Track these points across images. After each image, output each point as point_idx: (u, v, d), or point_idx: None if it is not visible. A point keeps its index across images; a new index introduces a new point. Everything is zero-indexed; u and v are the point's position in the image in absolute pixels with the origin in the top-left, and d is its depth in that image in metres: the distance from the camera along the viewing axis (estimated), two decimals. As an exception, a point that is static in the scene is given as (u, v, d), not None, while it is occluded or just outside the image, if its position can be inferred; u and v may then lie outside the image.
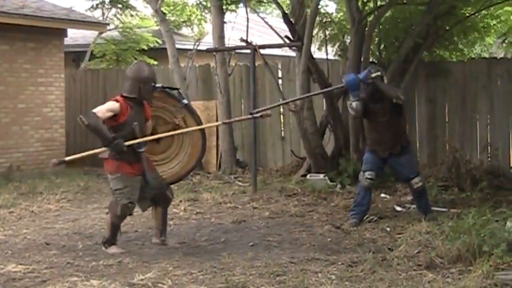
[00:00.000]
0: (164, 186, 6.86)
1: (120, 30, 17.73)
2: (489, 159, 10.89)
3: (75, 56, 17.34)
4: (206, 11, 16.83)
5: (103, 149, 6.49)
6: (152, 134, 6.81)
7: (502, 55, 13.97)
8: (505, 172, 10.57)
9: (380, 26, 11.27)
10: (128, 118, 6.46)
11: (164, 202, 6.91)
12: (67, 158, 6.95)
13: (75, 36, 16.75)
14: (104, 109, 6.38)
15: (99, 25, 14.75)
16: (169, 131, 6.95)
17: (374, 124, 7.87)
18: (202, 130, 7.11)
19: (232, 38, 12.70)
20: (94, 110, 6.36)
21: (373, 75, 7.67)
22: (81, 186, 10.96)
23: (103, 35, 17.15)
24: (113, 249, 6.63)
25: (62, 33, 13.23)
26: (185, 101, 7.02)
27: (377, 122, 7.81)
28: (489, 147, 10.97)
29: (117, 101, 6.47)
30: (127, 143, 6.36)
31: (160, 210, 6.91)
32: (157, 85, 6.72)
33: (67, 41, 13.82)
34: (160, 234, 6.95)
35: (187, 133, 7.02)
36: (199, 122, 7.07)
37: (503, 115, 10.93)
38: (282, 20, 11.46)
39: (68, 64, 14.68)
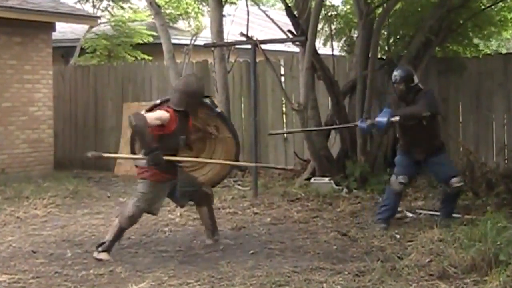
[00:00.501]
0: (196, 183, 7.19)
1: (112, 24, 17.74)
2: (506, 161, 10.87)
3: (64, 52, 17.35)
4: (204, 3, 16.86)
5: (140, 156, 6.77)
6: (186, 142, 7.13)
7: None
8: (523, 176, 10.57)
9: (389, 20, 11.26)
10: (176, 129, 6.77)
11: (204, 200, 7.25)
12: (105, 155, 7.29)
13: (64, 30, 16.79)
14: (153, 117, 6.66)
15: (89, 19, 14.75)
16: (200, 138, 7.42)
17: (407, 127, 7.93)
18: (236, 138, 7.49)
19: (231, 33, 12.71)
20: (144, 115, 6.65)
21: (393, 119, 7.79)
22: (70, 190, 10.96)
23: (94, 29, 17.17)
24: (103, 255, 6.68)
25: (50, 27, 13.24)
26: (217, 109, 7.36)
27: (410, 125, 7.88)
28: (506, 149, 10.95)
29: (167, 111, 6.74)
30: (166, 157, 6.64)
31: (205, 209, 7.30)
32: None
33: (55, 35, 13.83)
34: (212, 234, 7.33)
35: (221, 141, 7.46)
36: (232, 130, 7.46)
37: (520, 115, 10.92)
38: (284, 14, 11.46)
39: (57, 60, 14.70)
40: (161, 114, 6.71)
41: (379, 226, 7.90)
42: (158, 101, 7.27)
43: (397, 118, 7.82)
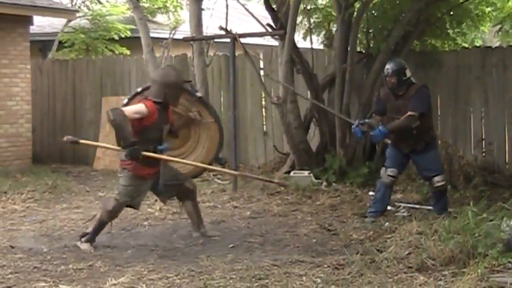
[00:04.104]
0: (180, 177, 7.20)
1: (90, 18, 17.62)
2: (484, 154, 10.94)
3: (41, 46, 17.22)
4: (183, -3, 16.79)
5: (118, 148, 6.80)
6: (170, 130, 7.16)
7: (497, 44, 14.03)
8: (500, 168, 10.65)
9: (368, 14, 11.28)
10: (156, 121, 6.80)
11: (188, 195, 7.27)
12: (82, 141, 7.23)
13: (41, 24, 16.64)
14: (131, 111, 6.71)
15: (67, 12, 14.63)
16: (185, 124, 7.42)
17: (394, 121, 7.90)
18: (218, 123, 7.56)
19: (210, 27, 12.67)
20: (123, 109, 6.69)
21: (386, 141, 8.07)
22: (49, 185, 10.88)
23: (72, 23, 17.04)
24: (85, 246, 6.82)
25: (28, 20, 13.11)
26: (198, 93, 7.43)
27: (396, 120, 7.86)
28: (483, 142, 11.02)
29: (145, 105, 6.75)
30: (145, 153, 6.69)
31: (189, 204, 7.32)
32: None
33: (33, 29, 13.71)
34: (199, 227, 7.35)
35: (204, 126, 7.49)
36: (214, 114, 7.53)
37: (498, 108, 10.97)
38: (263, 7, 11.45)
39: (34, 54, 14.56)
40: (139, 108, 6.73)
41: (368, 219, 7.90)
42: (139, 89, 7.32)
43: (388, 141, 8.06)
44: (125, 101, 7.37)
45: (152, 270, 5.97)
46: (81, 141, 7.20)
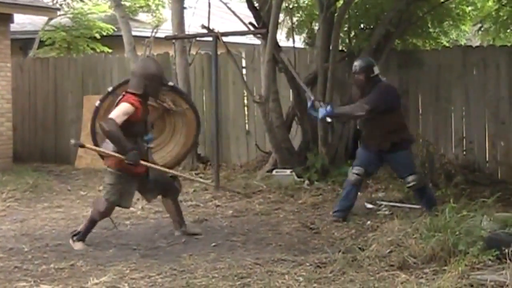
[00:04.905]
0: (167, 176, 7.20)
1: (71, 16, 17.54)
2: (464, 153, 11.01)
3: (22, 44, 17.11)
4: (165, -5, 16.75)
5: (120, 155, 6.71)
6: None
7: (478, 44, 14.14)
8: (481, 167, 10.72)
9: (350, 12, 11.32)
10: (140, 114, 6.80)
11: (171, 194, 7.26)
12: (88, 145, 7.18)
13: (22, 22, 16.52)
14: (121, 114, 6.66)
15: (48, 10, 14.54)
16: (159, 116, 7.40)
17: (365, 119, 7.92)
18: (194, 108, 7.58)
19: (192, 25, 12.65)
20: (112, 116, 6.62)
21: (327, 119, 8.04)
22: (30, 184, 10.81)
23: (52, 21, 16.94)
24: (79, 245, 6.83)
25: (8, 18, 13.01)
26: (170, 83, 7.41)
27: (367, 118, 7.86)
28: (464, 140, 11.09)
29: (131, 103, 6.71)
30: (143, 162, 6.75)
31: (170, 203, 7.30)
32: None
33: (13, 27, 13.61)
34: (180, 225, 7.34)
35: (179, 114, 7.47)
36: (188, 101, 7.58)
37: (478, 107, 11.05)
38: (246, 6, 11.45)
39: (15, 52, 14.47)
40: (126, 109, 6.68)
41: (335, 217, 7.89)
42: (110, 89, 7.29)
43: (328, 120, 8.11)
44: (98, 103, 7.30)
45: (134, 269, 5.96)
46: (87, 145, 7.16)
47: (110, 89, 7.32)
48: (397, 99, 8.12)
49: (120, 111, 6.69)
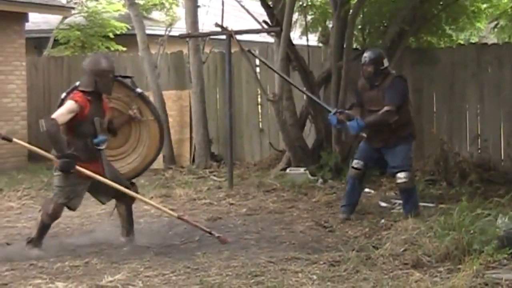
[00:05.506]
0: (123, 182, 6.84)
1: (85, 15, 17.60)
2: (479, 151, 10.97)
3: (37, 43, 17.18)
4: (178, -6, 16.77)
5: (51, 156, 6.55)
6: (108, 127, 6.82)
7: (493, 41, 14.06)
8: (495, 165, 10.67)
9: (364, 10, 11.29)
10: (88, 113, 6.51)
11: (125, 200, 6.94)
12: (15, 140, 6.88)
13: (37, 21, 16.60)
14: (65, 112, 6.42)
15: (63, 9, 14.63)
16: (125, 122, 6.99)
17: (369, 113, 7.71)
18: (159, 121, 7.17)
19: (206, 23, 12.66)
20: (55, 116, 6.39)
21: (362, 134, 7.79)
22: (45, 182, 10.85)
23: (67, 20, 17.01)
24: (35, 251, 6.52)
25: (23, 17, 13.11)
26: (138, 90, 7.03)
27: (372, 111, 7.67)
28: (479, 138, 11.04)
29: (75, 100, 6.47)
30: (78, 168, 6.39)
31: (123, 208, 6.98)
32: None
33: (28, 26, 13.69)
34: (127, 233, 7.01)
35: (145, 125, 7.06)
36: (154, 112, 7.12)
37: (493, 105, 11.01)
38: (259, 4, 11.45)
39: (30, 51, 14.56)
40: (70, 107, 6.44)
41: (341, 215, 7.82)
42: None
43: (364, 135, 7.79)
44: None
45: (148, 267, 5.97)
46: (14, 139, 6.86)
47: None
48: (408, 91, 8.04)
49: (64, 109, 6.44)
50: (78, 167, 6.41)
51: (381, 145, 7.73)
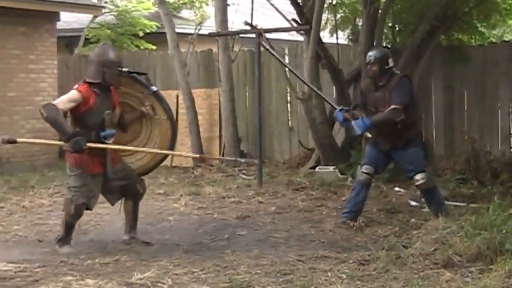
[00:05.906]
0: (132, 177, 6.85)
1: (115, 13, 17.71)
2: (511, 150, 10.86)
3: (68, 41, 17.32)
4: (208, -8, 16.81)
5: (60, 143, 6.51)
6: (119, 122, 6.79)
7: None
8: (528, 164, 10.55)
9: (394, 8, 11.22)
10: (94, 106, 6.45)
11: (133, 196, 6.92)
12: (19, 140, 6.90)
13: (68, 20, 16.75)
14: (65, 100, 6.40)
15: (94, 8, 14.74)
16: (136, 118, 6.96)
17: (373, 114, 7.51)
18: (172, 120, 7.12)
19: (235, 22, 12.68)
20: (55, 102, 6.39)
21: (368, 134, 7.72)
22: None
23: (98, 19, 17.14)
24: (65, 249, 6.57)
25: (55, 16, 13.22)
26: (153, 87, 6.98)
27: (376, 113, 7.49)
28: (510, 137, 10.93)
29: (79, 90, 6.43)
30: (89, 144, 6.31)
31: (130, 204, 6.95)
32: (124, 69, 6.67)
33: (59, 25, 13.81)
34: (130, 230, 6.96)
35: (156, 123, 7.02)
36: (167, 110, 7.05)
37: (525, 103, 10.89)
38: (289, 2, 11.43)
39: (61, 49, 14.67)
40: (72, 95, 6.40)
41: (344, 218, 7.58)
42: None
43: (369, 135, 7.70)
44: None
45: (177, 264, 5.99)
46: (19, 139, 6.87)
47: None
48: (414, 92, 7.90)
49: (65, 97, 6.41)
50: (90, 144, 6.32)
51: (389, 147, 7.56)
